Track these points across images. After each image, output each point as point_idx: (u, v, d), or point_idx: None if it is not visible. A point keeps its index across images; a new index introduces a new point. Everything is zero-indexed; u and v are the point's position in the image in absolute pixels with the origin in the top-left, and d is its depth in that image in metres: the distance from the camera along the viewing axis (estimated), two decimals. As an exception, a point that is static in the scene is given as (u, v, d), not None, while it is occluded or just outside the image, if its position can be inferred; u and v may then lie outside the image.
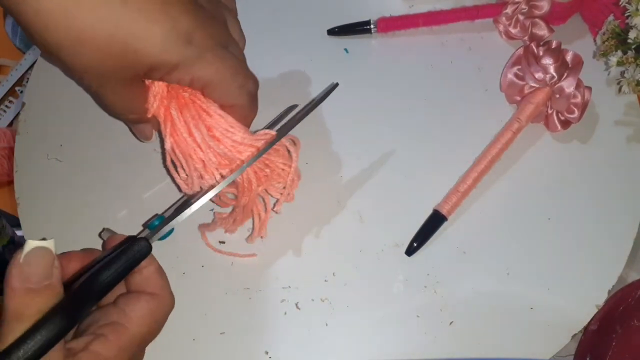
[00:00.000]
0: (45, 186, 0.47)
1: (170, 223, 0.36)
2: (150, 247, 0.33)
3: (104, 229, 0.44)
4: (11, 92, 0.69)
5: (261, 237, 0.44)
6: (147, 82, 0.38)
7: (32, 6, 0.30)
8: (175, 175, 0.40)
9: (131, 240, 0.34)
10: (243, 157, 0.39)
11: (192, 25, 0.34)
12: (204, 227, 0.44)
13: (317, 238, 0.44)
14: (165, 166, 0.41)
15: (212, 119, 0.38)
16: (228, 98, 0.38)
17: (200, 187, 0.40)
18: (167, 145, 0.39)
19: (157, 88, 0.38)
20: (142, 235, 0.34)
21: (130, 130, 0.43)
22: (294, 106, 0.46)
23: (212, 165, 0.39)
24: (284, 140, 0.41)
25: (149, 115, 0.39)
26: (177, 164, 0.39)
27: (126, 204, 0.46)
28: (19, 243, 0.58)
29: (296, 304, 0.43)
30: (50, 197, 0.46)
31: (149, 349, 0.35)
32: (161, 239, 0.37)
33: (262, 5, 0.52)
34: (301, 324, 0.42)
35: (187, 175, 0.40)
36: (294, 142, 0.42)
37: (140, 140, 0.43)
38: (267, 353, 0.42)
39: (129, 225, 0.44)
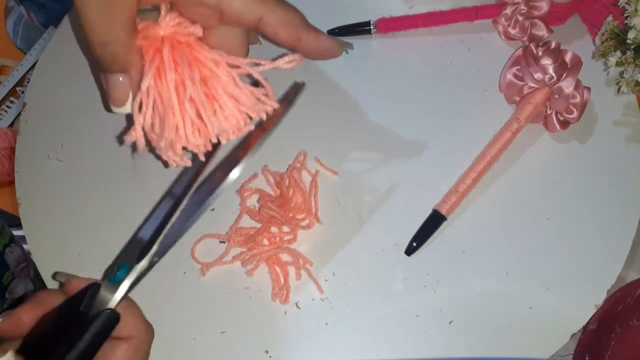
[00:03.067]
0: (46, 186, 0.47)
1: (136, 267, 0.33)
2: (119, 317, 0.32)
3: (56, 273, 0.43)
4: (12, 92, 0.69)
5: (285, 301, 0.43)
6: (141, 25, 0.32)
7: None
8: (137, 125, 0.33)
9: (94, 287, 0.32)
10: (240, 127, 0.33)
11: None
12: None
13: (317, 238, 0.44)
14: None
15: (208, 70, 0.33)
16: (251, 10, 0.33)
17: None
18: (143, 86, 0.32)
19: (152, 34, 0.32)
20: (105, 285, 0.32)
21: (100, 84, 0.36)
22: (301, 84, 0.40)
23: (189, 131, 0.32)
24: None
25: (137, 42, 0.32)
26: (142, 117, 0.33)
27: (126, 204, 0.46)
28: (19, 243, 0.58)
29: (296, 304, 0.43)
30: (51, 197, 0.46)
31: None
32: (116, 281, 0.33)
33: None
34: (301, 323, 0.42)
35: (155, 133, 0.33)
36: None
37: (109, 110, 0.34)
38: (267, 352, 0.42)
39: (130, 225, 0.45)
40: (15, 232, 0.64)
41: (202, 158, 0.34)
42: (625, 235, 0.45)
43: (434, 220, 0.44)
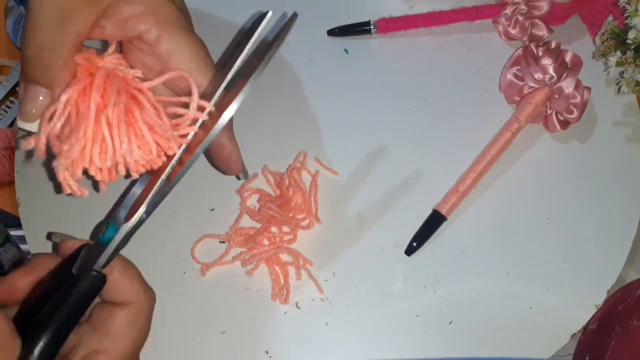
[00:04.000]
0: (46, 186, 0.47)
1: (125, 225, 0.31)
2: (105, 279, 0.30)
3: (50, 233, 0.41)
4: (12, 92, 0.69)
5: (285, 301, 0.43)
6: (80, 58, 0.31)
7: None
8: (42, 134, 0.30)
9: (85, 248, 0.31)
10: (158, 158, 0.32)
11: None
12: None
13: (317, 238, 0.44)
14: None
15: (136, 102, 0.31)
16: (171, 22, 0.32)
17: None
18: (64, 97, 0.30)
19: (93, 58, 0.31)
20: (95, 246, 0.31)
21: (20, 101, 0.33)
22: (294, 16, 0.37)
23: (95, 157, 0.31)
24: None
25: (76, 60, 0.31)
26: (50, 127, 0.31)
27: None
28: (14, 242, 0.58)
29: (296, 304, 0.43)
30: (50, 197, 0.46)
31: (149, 348, 0.35)
32: (104, 241, 0.31)
33: (262, 6, 0.52)
34: (301, 323, 0.42)
35: (58, 147, 0.31)
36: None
37: (20, 122, 0.32)
38: (267, 352, 0.42)
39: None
40: (15, 232, 0.64)
41: (103, 189, 0.33)
42: (625, 235, 0.45)
43: (434, 220, 0.44)
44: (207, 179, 0.46)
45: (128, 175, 0.33)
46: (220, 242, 0.44)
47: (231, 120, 0.32)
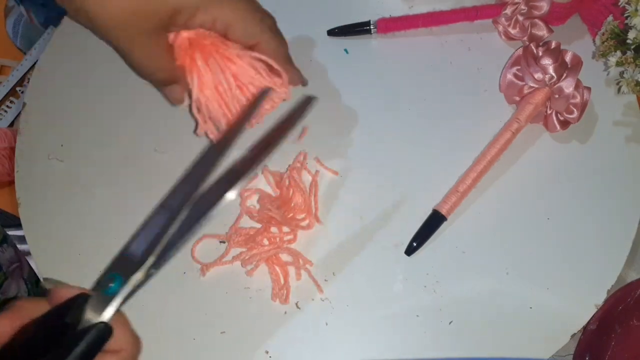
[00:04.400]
0: (46, 186, 0.47)
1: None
2: (112, 331, 0.30)
3: (44, 279, 0.42)
4: (12, 92, 0.69)
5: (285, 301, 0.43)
6: (171, 37, 0.38)
7: None
8: (203, 126, 0.41)
9: (81, 298, 0.30)
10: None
11: None
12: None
13: (317, 238, 0.44)
14: (191, 113, 0.42)
15: (236, 66, 0.39)
16: (251, 35, 0.39)
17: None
18: (194, 96, 0.40)
19: (181, 41, 0.38)
20: (96, 296, 0.30)
21: (163, 95, 0.42)
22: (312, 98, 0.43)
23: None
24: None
25: (177, 63, 0.39)
26: (202, 116, 0.41)
27: (126, 204, 0.46)
28: (11, 242, 0.58)
29: (296, 304, 0.43)
30: (50, 197, 0.46)
31: (149, 348, 0.35)
32: (109, 293, 0.31)
33: (262, 6, 0.52)
34: (301, 323, 0.42)
35: (211, 124, 0.41)
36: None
37: (173, 105, 0.42)
38: (267, 352, 0.42)
39: (129, 226, 0.45)
40: (15, 232, 0.65)
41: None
42: (625, 235, 0.45)
43: (434, 220, 0.44)
44: (208, 179, 0.46)
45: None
46: (220, 242, 0.44)
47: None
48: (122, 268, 0.32)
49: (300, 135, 0.47)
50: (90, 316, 0.30)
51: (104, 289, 0.31)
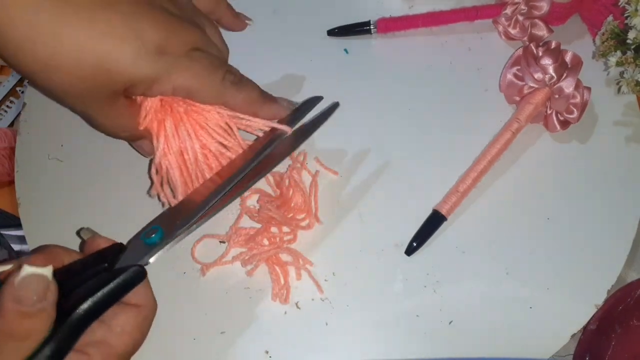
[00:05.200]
0: (46, 186, 0.47)
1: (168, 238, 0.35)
2: (146, 273, 0.32)
3: (82, 228, 0.43)
4: (12, 92, 0.69)
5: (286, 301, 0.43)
6: (139, 98, 0.38)
7: (0, 36, 0.31)
8: (158, 189, 0.41)
9: (117, 249, 0.32)
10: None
11: (162, 36, 0.34)
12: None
13: (317, 238, 0.44)
14: (149, 175, 0.42)
15: (207, 134, 0.39)
16: (215, 97, 0.38)
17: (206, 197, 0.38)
18: (156, 159, 0.39)
19: (151, 103, 0.38)
20: (134, 245, 0.33)
21: (132, 146, 0.43)
22: (318, 98, 0.45)
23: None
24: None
25: (141, 129, 0.38)
26: (159, 179, 0.40)
27: (126, 204, 0.46)
28: (6, 244, 0.57)
29: (296, 304, 0.43)
30: (50, 197, 0.46)
31: (149, 348, 0.35)
32: (149, 242, 0.35)
33: (262, 6, 0.52)
34: (301, 323, 0.42)
35: (168, 188, 0.40)
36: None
37: (144, 156, 0.43)
38: (267, 352, 0.42)
39: (129, 226, 0.44)
40: (15, 232, 0.64)
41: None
42: (625, 235, 0.45)
43: (434, 220, 0.44)
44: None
45: None
46: (220, 242, 0.44)
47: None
48: (166, 222, 0.37)
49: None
50: (129, 261, 0.33)
51: (146, 238, 0.35)
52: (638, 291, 0.43)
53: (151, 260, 0.34)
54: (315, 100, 0.45)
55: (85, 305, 0.29)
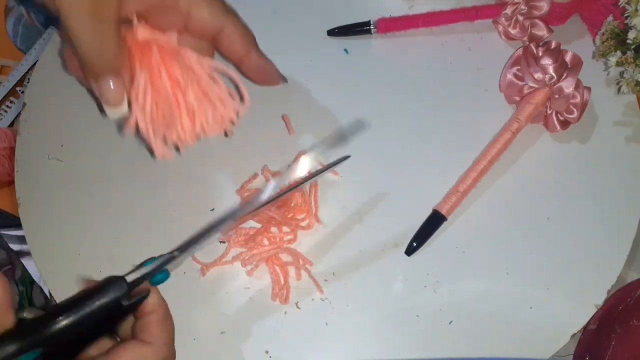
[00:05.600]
0: (46, 186, 0.47)
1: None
2: (126, 287, 0.32)
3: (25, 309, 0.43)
4: (12, 92, 0.69)
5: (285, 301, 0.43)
6: (128, 36, 0.35)
7: None
8: (138, 111, 0.36)
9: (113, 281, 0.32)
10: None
11: None
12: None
13: (317, 238, 0.44)
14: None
15: (194, 74, 0.36)
16: (217, 17, 0.36)
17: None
18: (141, 82, 0.35)
19: (141, 32, 0.35)
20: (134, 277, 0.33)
21: (98, 106, 0.40)
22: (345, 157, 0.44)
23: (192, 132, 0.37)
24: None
25: (128, 45, 0.35)
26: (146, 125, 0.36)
27: (126, 203, 0.46)
28: (4, 245, 0.57)
29: (296, 304, 0.43)
30: (50, 197, 0.46)
31: (149, 348, 0.35)
32: (154, 282, 0.35)
33: (262, 6, 0.52)
34: (301, 323, 0.42)
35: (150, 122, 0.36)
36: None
37: (103, 113, 0.36)
38: (267, 352, 0.42)
39: (129, 226, 0.45)
40: (15, 232, 0.65)
41: (182, 150, 0.38)
42: (625, 235, 0.45)
43: (434, 220, 0.44)
44: (207, 179, 0.46)
45: None
46: (220, 242, 0.44)
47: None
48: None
49: (289, 129, 0.47)
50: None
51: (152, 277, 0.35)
52: (638, 291, 0.43)
53: (134, 276, 0.33)
54: (342, 159, 0.43)
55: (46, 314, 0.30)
